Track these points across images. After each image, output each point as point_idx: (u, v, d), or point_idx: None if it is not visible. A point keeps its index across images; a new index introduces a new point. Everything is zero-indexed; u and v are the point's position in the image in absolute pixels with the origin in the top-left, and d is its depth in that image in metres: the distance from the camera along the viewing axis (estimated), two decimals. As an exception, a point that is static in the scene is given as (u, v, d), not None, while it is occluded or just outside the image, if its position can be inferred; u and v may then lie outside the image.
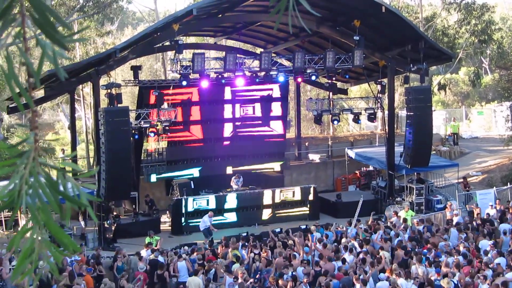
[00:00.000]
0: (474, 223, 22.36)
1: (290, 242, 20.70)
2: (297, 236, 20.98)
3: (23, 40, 2.23)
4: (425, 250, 18.86)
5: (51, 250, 2.26)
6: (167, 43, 25.93)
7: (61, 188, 2.20)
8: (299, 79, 30.12)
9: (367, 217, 23.77)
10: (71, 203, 2.22)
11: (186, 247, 21.15)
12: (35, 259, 2.22)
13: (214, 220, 24.10)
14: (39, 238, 2.20)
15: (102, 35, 38.94)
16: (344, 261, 18.22)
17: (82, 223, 25.62)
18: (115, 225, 24.84)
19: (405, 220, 22.81)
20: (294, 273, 17.58)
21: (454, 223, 22.33)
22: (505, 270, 16.85)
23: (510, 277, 16.24)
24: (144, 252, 20.29)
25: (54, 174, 2.29)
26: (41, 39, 2.21)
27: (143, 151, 28.21)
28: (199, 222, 24.54)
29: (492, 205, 23.89)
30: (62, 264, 18.81)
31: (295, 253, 19.41)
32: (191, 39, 40.59)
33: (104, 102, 25.00)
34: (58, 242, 2.24)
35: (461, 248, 18.98)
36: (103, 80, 25.44)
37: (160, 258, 19.56)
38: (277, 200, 26.73)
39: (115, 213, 25.57)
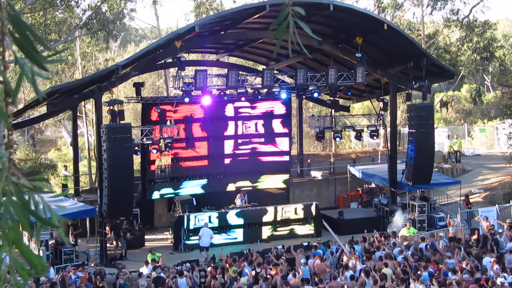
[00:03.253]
0: (472, 238, 22.28)
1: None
2: (298, 253, 20.90)
3: (2, 59, 2.24)
4: (430, 269, 18.73)
5: (19, 270, 2.27)
6: (170, 60, 26.00)
7: (33, 208, 2.21)
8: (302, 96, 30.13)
9: (367, 233, 23.67)
10: (42, 223, 2.24)
11: (188, 264, 21.06)
12: (2, 278, 2.24)
13: (216, 237, 24.16)
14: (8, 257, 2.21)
15: (101, 49, 38.97)
16: (352, 277, 18.12)
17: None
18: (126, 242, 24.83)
19: (406, 238, 22.71)
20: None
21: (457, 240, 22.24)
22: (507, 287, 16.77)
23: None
24: (145, 269, 20.25)
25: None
26: (20, 58, 2.22)
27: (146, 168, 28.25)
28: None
29: (501, 231, 22.94)
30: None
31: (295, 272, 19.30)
32: (193, 56, 40.69)
33: (106, 119, 25.04)
34: (27, 261, 2.25)
35: (465, 265, 18.87)
36: (105, 97, 25.50)
37: (162, 275, 19.53)
38: (279, 217, 26.63)
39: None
